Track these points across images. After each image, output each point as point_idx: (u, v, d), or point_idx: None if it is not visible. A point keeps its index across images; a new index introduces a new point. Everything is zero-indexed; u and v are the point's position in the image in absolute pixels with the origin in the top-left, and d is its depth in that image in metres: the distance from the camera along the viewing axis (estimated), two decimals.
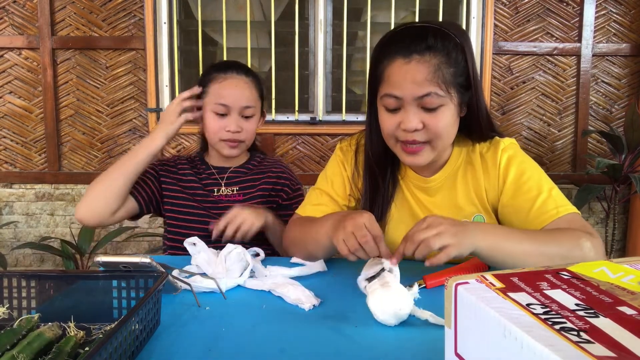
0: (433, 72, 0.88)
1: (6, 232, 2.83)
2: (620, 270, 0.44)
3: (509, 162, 1.00)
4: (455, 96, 0.92)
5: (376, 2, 2.72)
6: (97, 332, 0.67)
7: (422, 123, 0.91)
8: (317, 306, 0.77)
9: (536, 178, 0.97)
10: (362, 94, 2.84)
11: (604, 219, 2.80)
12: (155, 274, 0.70)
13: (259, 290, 0.84)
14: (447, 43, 0.89)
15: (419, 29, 0.91)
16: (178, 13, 2.76)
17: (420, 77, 0.88)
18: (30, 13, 2.69)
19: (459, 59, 0.90)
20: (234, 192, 1.33)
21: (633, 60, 2.75)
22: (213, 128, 1.27)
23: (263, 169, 1.36)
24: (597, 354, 0.31)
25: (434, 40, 0.89)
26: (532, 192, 0.95)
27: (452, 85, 0.90)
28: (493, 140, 1.03)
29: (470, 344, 0.41)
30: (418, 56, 0.89)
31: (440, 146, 0.95)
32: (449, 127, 0.94)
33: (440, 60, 0.88)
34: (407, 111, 0.91)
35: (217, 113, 1.26)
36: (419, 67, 0.88)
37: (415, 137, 0.92)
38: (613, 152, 2.63)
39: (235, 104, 1.26)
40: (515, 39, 2.73)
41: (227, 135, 1.26)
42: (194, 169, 1.36)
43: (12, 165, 2.80)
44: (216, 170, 1.35)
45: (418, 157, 0.96)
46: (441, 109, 0.91)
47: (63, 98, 2.75)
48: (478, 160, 1.03)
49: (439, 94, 0.89)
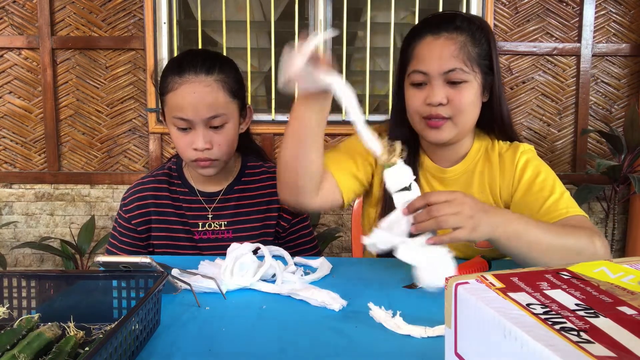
0: (459, 48, 0.95)
1: (6, 232, 2.83)
2: (620, 270, 0.44)
3: (527, 163, 1.02)
4: (479, 76, 0.97)
5: (376, 2, 2.72)
6: (97, 332, 0.67)
7: (447, 98, 0.95)
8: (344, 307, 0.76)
9: (550, 181, 1.00)
10: (362, 94, 2.83)
11: (603, 219, 2.80)
12: (155, 274, 0.70)
13: (260, 290, 0.84)
14: (473, 26, 0.97)
15: (449, 14, 1.00)
16: (178, 13, 2.76)
17: (447, 53, 0.94)
18: (30, 13, 2.68)
19: (483, 41, 0.97)
20: (222, 227, 1.14)
21: (633, 60, 2.75)
22: (179, 146, 1.06)
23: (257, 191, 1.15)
24: (597, 354, 0.31)
25: (461, 22, 0.97)
26: (544, 191, 0.98)
27: (476, 64, 0.96)
28: (513, 144, 1.07)
29: (470, 344, 0.41)
30: (446, 34, 0.96)
31: (461, 123, 0.98)
32: (472, 105, 0.97)
33: (467, 39, 0.95)
34: (433, 86, 0.96)
35: (179, 128, 1.04)
36: (447, 44, 0.95)
37: (439, 111, 0.96)
38: (613, 152, 2.62)
39: (196, 116, 1.01)
40: (515, 39, 2.73)
41: (196, 154, 1.04)
42: (173, 193, 1.14)
43: (11, 166, 2.80)
44: (203, 197, 1.14)
45: (441, 132, 0.98)
46: (465, 85, 0.95)
47: (63, 98, 2.75)
48: (496, 158, 1.06)
49: (464, 70, 0.95)
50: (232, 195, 1.15)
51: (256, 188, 1.17)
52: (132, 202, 1.14)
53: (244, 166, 1.19)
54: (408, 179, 0.80)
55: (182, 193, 1.14)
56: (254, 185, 1.17)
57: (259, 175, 1.18)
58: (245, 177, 1.17)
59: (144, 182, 1.16)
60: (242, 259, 0.87)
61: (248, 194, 1.16)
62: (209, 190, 1.15)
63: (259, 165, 1.20)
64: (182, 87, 1.01)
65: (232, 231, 1.13)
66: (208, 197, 1.14)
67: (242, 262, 0.86)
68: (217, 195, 1.15)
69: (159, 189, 1.15)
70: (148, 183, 1.16)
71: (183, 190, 1.14)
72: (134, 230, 1.14)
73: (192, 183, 1.15)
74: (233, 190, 1.15)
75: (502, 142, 1.08)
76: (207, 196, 1.14)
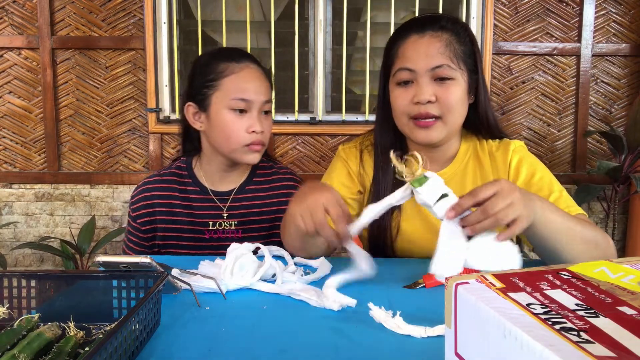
0: (445, 46, 0.95)
1: (6, 232, 2.83)
2: (620, 270, 0.44)
3: (520, 162, 1.01)
4: (465, 74, 0.96)
5: (376, 2, 2.72)
6: (97, 332, 0.67)
7: (435, 96, 0.94)
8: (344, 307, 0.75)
9: (547, 180, 0.99)
10: (362, 94, 2.83)
11: (604, 219, 2.80)
12: (155, 274, 0.70)
13: (260, 290, 0.84)
14: (457, 26, 0.98)
15: (434, 14, 1.01)
16: (178, 13, 2.76)
17: (434, 50, 0.94)
18: (30, 13, 2.68)
19: (467, 41, 0.98)
20: (232, 226, 1.13)
21: (633, 60, 2.75)
22: (233, 130, 1.04)
23: (268, 192, 1.15)
24: (597, 354, 0.31)
25: (446, 22, 0.97)
26: (543, 191, 0.97)
27: (462, 62, 0.96)
28: (503, 141, 1.05)
29: (470, 344, 0.41)
30: (432, 32, 0.96)
31: (451, 122, 0.97)
32: (460, 103, 0.97)
33: (452, 37, 0.96)
34: (420, 83, 0.95)
35: (236, 110, 1.05)
36: (432, 41, 0.95)
37: (428, 109, 0.95)
38: (613, 152, 2.62)
39: (257, 98, 1.06)
40: (515, 39, 2.73)
41: (253, 137, 1.05)
42: (183, 192, 1.13)
43: (11, 165, 2.80)
44: (217, 196, 1.13)
45: (431, 132, 0.97)
46: (453, 82, 0.95)
47: (63, 98, 2.75)
48: (487, 158, 1.05)
49: (451, 67, 0.94)
50: (244, 195, 1.15)
51: (267, 189, 1.17)
52: (139, 202, 1.14)
53: (255, 166, 1.19)
54: (442, 186, 0.73)
55: (192, 192, 1.14)
56: (265, 186, 1.17)
57: (270, 176, 1.19)
58: (257, 177, 1.18)
59: (150, 182, 1.16)
60: (242, 259, 0.87)
61: (259, 194, 1.16)
62: (221, 190, 1.15)
63: (269, 166, 1.21)
64: (243, 71, 1.06)
65: (241, 231, 1.13)
66: (220, 196, 1.14)
67: (242, 262, 0.86)
68: (229, 194, 1.14)
69: (167, 189, 1.14)
70: (155, 183, 1.16)
71: (194, 189, 1.14)
72: (139, 230, 1.15)
73: (204, 182, 1.15)
74: (245, 190, 1.15)
75: (491, 141, 1.06)
76: (219, 195, 1.14)
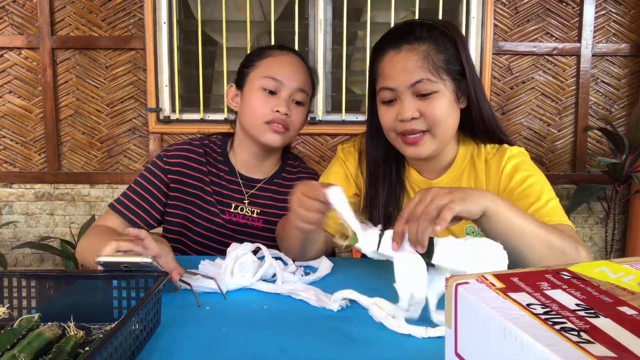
0: (422, 58, 0.91)
1: (6, 231, 2.83)
2: (620, 271, 0.44)
3: (514, 169, 0.97)
4: (449, 83, 0.93)
5: (376, 2, 2.72)
6: (97, 332, 0.67)
7: (419, 111, 0.92)
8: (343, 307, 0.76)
9: (537, 188, 0.93)
10: (362, 93, 2.83)
11: (603, 219, 2.80)
12: (156, 274, 0.70)
13: (260, 290, 0.84)
14: (434, 32, 0.93)
15: (407, 24, 0.96)
16: (178, 13, 2.76)
17: (411, 65, 0.91)
18: (30, 13, 2.68)
19: (448, 46, 0.93)
20: (254, 214, 1.14)
21: (633, 60, 2.75)
22: (257, 106, 1.07)
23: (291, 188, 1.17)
24: (597, 354, 0.31)
25: (420, 30, 0.93)
26: (528, 198, 0.92)
27: (444, 72, 0.92)
28: (500, 147, 1.01)
29: (470, 344, 0.41)
30: (408, 46, 0.93)
31: (440, 135, 0.94)
32: (446, 114, 0.93)
33: (429, 47, 0.92)
34: (402, 101, 0.93)
35: (266, 89, 1.08)
36: (409, 56, 0.92)
37: (413, 126, 0.93)
38: (614, 152, 2.62)
39: (288, 80, 1.08)
40: (515, 39, 2.73)
41: (275, 115, 1.06)
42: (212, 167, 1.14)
43: (11, 165, 2.80)
44: (243, 181, 1.15)
45: (419, 148, 0.95)
46: (435, 95, 0.92)
47: (63, 98, 2.75)
48: (482, 165, 1.01)
49: (431, 80, 0.91)
50: (271, 187, 1.18)
51: (291, 186, 1.19)
52: (177, 158, 1.14)
53: (284, 163, 1.24)
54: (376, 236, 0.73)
55: (222, 170, 1.16)
56: (291, 183, 1.21)
57: (296, 175, 1.24)
58: (285, 173, 1.22)
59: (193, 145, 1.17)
60: (242, 259, 0.87)
61: (285, 189, 1.19)
62: (251, 176, 1.18)
63: (296, 165, 1.27)
64: (282, 56, 1.11)
65: (262, 221, 1.15)
66: (247, 181, 1.17)
67: (242, 262, 0.86)
68: (257, 182, 1.18)
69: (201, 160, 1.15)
70: (196, 147, 1.16)
71: (224, 169, 1.16)
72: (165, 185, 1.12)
73: (235, 165, 1.18)
74: (273, 183, 1.19)
75: (489, 146, 1.02)
76: (246, 180, 1.16)
